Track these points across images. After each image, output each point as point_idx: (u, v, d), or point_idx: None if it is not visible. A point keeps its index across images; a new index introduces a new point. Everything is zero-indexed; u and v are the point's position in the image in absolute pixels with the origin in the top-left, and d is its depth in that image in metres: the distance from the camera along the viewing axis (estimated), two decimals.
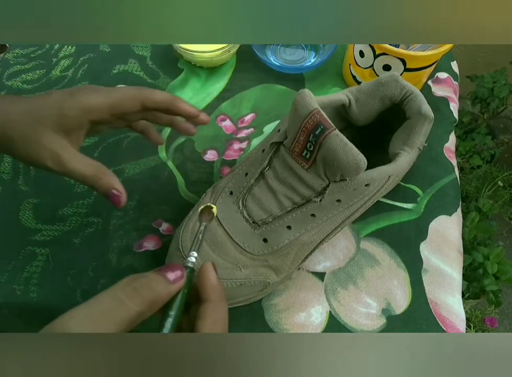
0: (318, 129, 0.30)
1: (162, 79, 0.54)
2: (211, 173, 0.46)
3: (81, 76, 0.53)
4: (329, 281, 0.40)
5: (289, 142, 0.32)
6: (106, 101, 0.31)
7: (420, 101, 0.37)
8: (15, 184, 0.45)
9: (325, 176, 0.32)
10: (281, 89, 0.53)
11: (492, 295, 0.76)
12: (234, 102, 0.52)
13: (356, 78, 0.50)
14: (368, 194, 0.34)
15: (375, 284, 0.40)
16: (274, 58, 0.55)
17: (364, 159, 0.30)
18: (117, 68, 0.54)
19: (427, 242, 0.42)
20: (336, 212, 0.34)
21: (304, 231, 0.34)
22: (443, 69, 0.56)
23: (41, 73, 0.54)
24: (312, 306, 0.39)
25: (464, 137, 1.15)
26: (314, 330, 0.38)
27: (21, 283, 0.40)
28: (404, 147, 0.37)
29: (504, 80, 1.05)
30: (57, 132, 0.30)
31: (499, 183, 1.10)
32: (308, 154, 0.31)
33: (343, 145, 0.29)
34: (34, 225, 0.43)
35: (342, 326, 0.38)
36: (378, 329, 0.38)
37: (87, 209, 0.44)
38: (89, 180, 0.30)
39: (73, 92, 0.31)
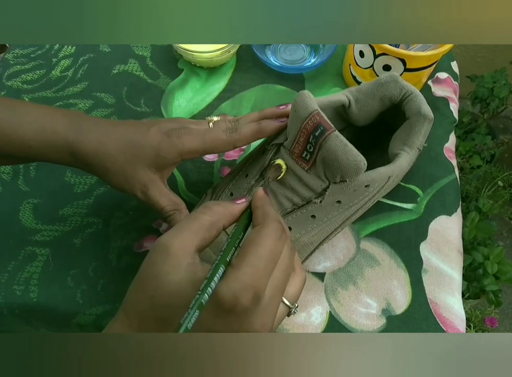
0: (317, 130, 0.30)
1: (162, 79, 0.54)
2: (211, 173, 0.46)
3: (81, 76, 0.53)
4: (329, 281, 0.40)
5: (289, 143, 0.32)
6: (201, 147, 0.33)
7: (420, 102, 0.37)
8: (15, 184, 0.45)
9: (325, 177, 0.32)
10: (281, 89, 0.53)
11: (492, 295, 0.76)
12: (234, 102, 0.52)
13: (356, 78, 0.50)
14: (368, 195, 0.34)
15: (375, 284, 0.40)
16: (274, 58, 0.55)
17: (364, 160, 0.30)
18: (117, 68, 0.54)
19: (427, 242, 0.42)
20: (336, 213, 0.34)
21: (305, 232, 0.34)
22: (443, 69, 0.56)
23: (41, 73, 0.54)
24: (312, 306, 0.39)
25: (464, 137, 1.15)
26: (314, 330, 0.38)
27: (21, 283, 0.40)
28: (404, 148, 0.37)
29: (504, 80, 1.05)
30: (151, 169, 0.33)
31: (499, 182, 1.10)
32: (308, 155, 0.31)
33: (343, 146, 0.29)
34: (34, 226, 0.43)
35: (342, 327, 0.38)
36: (378, 329, 0.38)
37: (87, 209, 0.44)
38: (165, 213, 0.33)
39: (169, 134, 0.32)
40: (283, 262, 0.24)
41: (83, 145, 0.32)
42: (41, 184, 0.45)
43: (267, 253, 0.23)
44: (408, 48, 0.48)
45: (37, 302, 0.39)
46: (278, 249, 0.24)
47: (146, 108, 0.51)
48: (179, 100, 0.52)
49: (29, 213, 0.44)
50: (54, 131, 0.32)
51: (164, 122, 0.34)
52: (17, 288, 0.39)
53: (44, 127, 0.32)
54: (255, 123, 0.34)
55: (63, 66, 0.54)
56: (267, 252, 0.23)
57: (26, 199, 0.44)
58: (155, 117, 0.51)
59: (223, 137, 0.33)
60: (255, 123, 0.34)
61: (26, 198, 0.44)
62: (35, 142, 0.31)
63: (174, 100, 0.52)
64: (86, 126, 0.32)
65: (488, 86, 1.05)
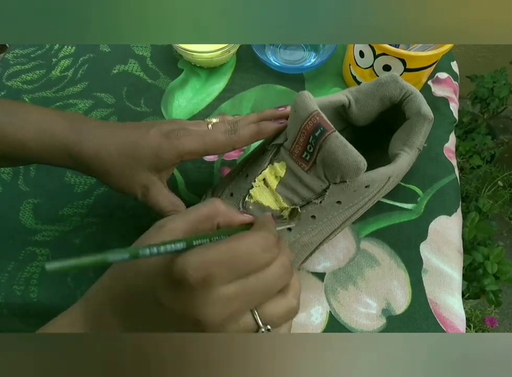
0: (317, 131, 0.30)
1: (162, 79, 0.54)
2: (211, 173, 0.46)
3: (81, 76, 0.53)
4: (329, 281, 0.40)
5: (289, 144, 0.32)
6: (201, 148, 0.33)
7: (420, 102, 0.37)
8: (15, 184, 0.45)
9: (325, 178, 0.32)
10: (281, 89, 0.53)
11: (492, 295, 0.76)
12: (234, 102, 0.52)
13: (356, 79, 0.50)
14: (368, 195, 0.34)
15: (375, 284, 0.40)
16: (274, 58, 0.55)
17: (364, 160, 0.30)
18: (116, 68, 0.54)
19: (427, 242, 0.42)
20: (337, 213, 0.34)
21: (305, 233, 0.34)
22: (443, 69, 0.56)
23: (41, 73, 0.54)
24: (312, 306, 0.39)
25: (464, 137, 1.15)
26: (314, 330, 0.38)
27: (21, 283, 0.40)
28: (404, 148, 0.37)
29: (504, 80, 1.05)
30: (150, 170, 0.33)
31: (499, 182, 1.10)
32: (308, 156, 0.31)
33: (342, 146, 0.29)
34: (34, 226, 0.43)
35: (342, 327, 0.38)
36: (378, 329, 0.38)
37: (87, 209, 0.44)
38: (165, 214, 0.34)
39: (169, 136, 0.32)
40: (267, 276, 0.22)
41: (82, 147, 0.32)
42: (41, 184, 0.45)
43: (240, 251, 0.21)
44: (408, 48, 0.48)
45: (37, 302, 0.39)
46: (260, 257, 0.22)
47: (146, 108, 0.51)
48: (179, 100, 0.52)
49: (29, 213, 0.44)
50: (53, 133, 0.32)
51: (163, 123, 0.34)
52: (17, 288, 0.39)
53: (44, 129, 0.32)
54: (254, 125, 0.34)
55: (63, 66, 0.54)
56: (241, 251, 0.21)
57: (26, 199, 0.44)
58: (155, 117, 0.51)
59: (222, 138, 0.33)
60: (254, 124, 0.34)
61: (26, 198, 0.44)
62: (35, 144, 0.32)
63: (174, 100, 0.52)
64: (85, 129, 0.32)
65: (488, 86, 1.05)
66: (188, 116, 0.51)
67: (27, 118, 0.32)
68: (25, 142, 0.31)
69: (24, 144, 0.32)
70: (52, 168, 0.34)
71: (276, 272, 0.23)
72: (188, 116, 0.51)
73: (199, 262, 0.20)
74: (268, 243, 0.22)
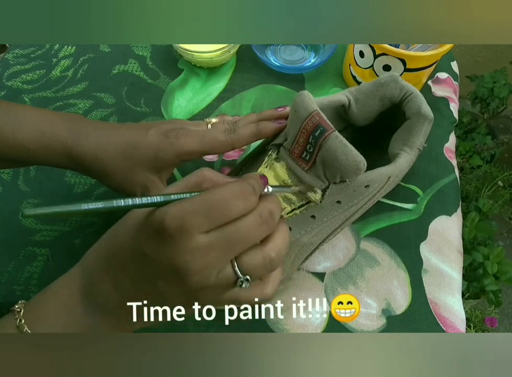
0: (317, 131, 0.30)
1: (162, 80, 0.54)
2: None
3: (81, 76, 0.53)
4: (329, 281, 0.40)
5: (289, 144, 0.32)
6: (200, 147, 0.33)
7: (420, 102, 0.37)
8: (15, 184, 0.45)
9: (325, 178, 0.32)
10: (281, 89, 0.53)
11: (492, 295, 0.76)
12: (234, 102, 0.52)
13: (356, 79, 0.50)
14: (368, 195, 0.34)
15: (375, 284, 0.40)
16: (274, 58, 0.55)
17: (364, 160, 0.30)
18: (116, 68, 0.54)
19: (428, 242, 0.42)
20: (336, 213, 0.34)
21: (305, 232, 0.34)
22: (443, 69, 0.56)
23: (41, 73, 0.54)
24: (312, 306, 0.39)
25: (464, 137, 1.15)
26: (314, 330, 0.38)
27: (21, 283, 0.40)
28: (404, 148, 0.37)
29: (504, 80, 1.05)
30: (150, 170, 0.33)
31: (499, 183, 1.10)
32: (307, 156, 0.31)
33: (342, 146, 0.29)
34: (34, 226, 0.43)
35: (342, 327, 0.38)
36: (378, 329, 0.38)
37: None
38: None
39: (168, 136, 0.32)
40: (243, 225, 0.22)
41: (82, 148, 0.32)
42: (41, 184, 0.45)
43: (214, 199, 0.21)
44: (408, 48, 0.48)
45: None
46: (234, 205, 0.22)
47: (146, 108, 0.51)
48: (179, 100, 0.52)
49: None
50: (52, 134, 0.32)
51: (163, 124, 0.34)
52: (17, 288, 0.39)
53: (43, 131, 0.32)
54: (254, 125, 0.34)
55: (63, 66, 0.54)
56: (216, 199, 0.21)
57: (26, 199, 0.44)
58: (155, 117, 0.51)
59: (221, 138, 0.33)
60: (254, 124, 0.34)
61: (26, 198, 0.44)
62: (34, 145, 0.32)
63: (174, 100, 0.52)
64: (85, 130, 0.33)
65: (488, 86, 1.05)
66: (188, 116, 0.51)
67: (26, 120, 0.32)
68: (25, 144, 0.31)
69: (23, 145, 0.32)
70: (52, 168, 0.34)
71: (252, 220, 0.22)
72: (188, 116, 0.51)
73: (176, 211, 0.21)
74: (244, 191, 0.22)
